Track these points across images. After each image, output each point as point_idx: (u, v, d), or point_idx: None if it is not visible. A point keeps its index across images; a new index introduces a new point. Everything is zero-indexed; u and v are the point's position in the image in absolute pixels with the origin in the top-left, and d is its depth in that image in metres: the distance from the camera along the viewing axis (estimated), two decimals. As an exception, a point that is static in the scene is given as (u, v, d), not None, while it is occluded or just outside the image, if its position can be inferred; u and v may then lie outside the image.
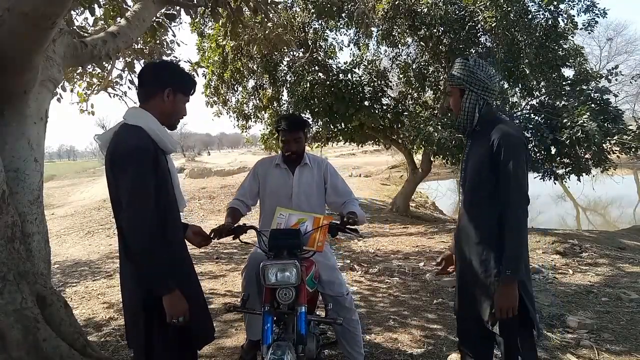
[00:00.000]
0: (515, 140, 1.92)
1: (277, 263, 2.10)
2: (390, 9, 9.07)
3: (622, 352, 3.14)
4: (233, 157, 54.88)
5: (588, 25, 9.04)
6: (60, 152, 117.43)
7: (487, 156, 1.93)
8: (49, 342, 2.31)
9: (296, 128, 2.69)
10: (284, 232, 2.30)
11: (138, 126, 1.76)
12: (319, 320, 2.45)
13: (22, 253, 2.46)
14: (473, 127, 2.07)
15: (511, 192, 1.88)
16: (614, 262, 6.02)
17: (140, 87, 1.91)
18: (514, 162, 1.87)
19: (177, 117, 1.92)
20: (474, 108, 2.03)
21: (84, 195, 19.55)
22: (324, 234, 2.36)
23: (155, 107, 1.84)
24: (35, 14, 2.09)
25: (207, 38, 10.85)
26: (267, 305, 2.13)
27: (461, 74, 2.02)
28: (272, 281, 2.09)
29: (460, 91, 2.05)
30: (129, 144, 1.70)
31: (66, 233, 9.97)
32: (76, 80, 6.40)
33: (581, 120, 7.87)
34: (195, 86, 1.97)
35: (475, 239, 2.03)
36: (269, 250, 2.23)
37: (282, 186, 2.73)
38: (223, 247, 7.16)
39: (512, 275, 1.86)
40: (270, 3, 5.42)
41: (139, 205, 1.67)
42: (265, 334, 2.06)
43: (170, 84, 1.85)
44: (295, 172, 2.74)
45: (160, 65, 1.98)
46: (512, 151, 1.89)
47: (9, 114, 2.63)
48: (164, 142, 1.82)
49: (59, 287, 5.03)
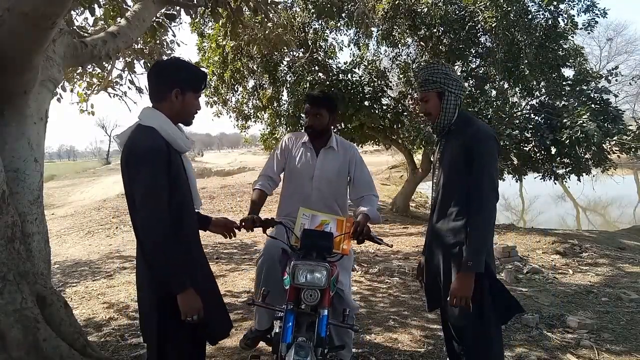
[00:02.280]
0: (488, 138, 2.04)
1: (308, 264, 2.07)
2: (390, 9, 9.07)
3: (622, 352, 3.14)
4: (233, 157, 54.88)
5: (588, 25, 9.04)
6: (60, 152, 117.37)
7: (463, 153, 2.04)
8: (49, 342, 2.31)
9: (318, 103, 2.65)
10: (317, 234, 2.27)
11: (151, 127, 1.79)
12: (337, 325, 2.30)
13: (22, 253, 2.46)
14: (450, 126, 2.17)
15: (483, 187, 1.97)
16: (614, 262, 6.02)
17: (150, 88, 1.91)
18: (487, 159, 1.99)
19: (190, 113, 1.92)
20: (455, 108, 2.15)
21: (84, 196, 19.55)
22: (349, 239, 2.36)
23: (166, 107, 1.85)
24: (35, 14, 2.09)
25: (207, 38, 10.84)
26: (291, 304, 2.10)
27: (438, 78, 2.13)
28: (301, 281, 2.06)
29: (438, 94, 2.14)
30: (142, 145, 1.74)
31: (66, 233, 9.97)
32: (76, 80, 6.40)
33: (581, 121, 7.88)
34: (205, 79, 1.95)
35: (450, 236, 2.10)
36: (299, 249, 2.20)
37: (305, 166, 2.68)
38: (223, 247, 7.17)
39: (472, 266, 1.94)
40: (270, 3, 5.42)
41: (152, 205, 1.70)
42: (286, 332, 2.03)
43: (177, 84, 1.85)
44: (320, 153, 2.69)
45: (166, 65, 1.97)
46: (485, 148, 2.00)
47: (9, 114, 2.63)
48: (177, 142, 1.84)
49: (59, 287, 5.03)
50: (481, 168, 1.98)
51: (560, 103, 9.39)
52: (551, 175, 9.64)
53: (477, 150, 2.00)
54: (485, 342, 2.08)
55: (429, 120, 2.27)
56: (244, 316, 3.96)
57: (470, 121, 2.13)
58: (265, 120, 12.18)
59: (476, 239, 1.97)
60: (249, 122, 12.35)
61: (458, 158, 2.07)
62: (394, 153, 22.89)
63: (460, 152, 2.06)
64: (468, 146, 2.02)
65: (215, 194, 14.90)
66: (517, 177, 10.06)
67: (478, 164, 1.99)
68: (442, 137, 2.25)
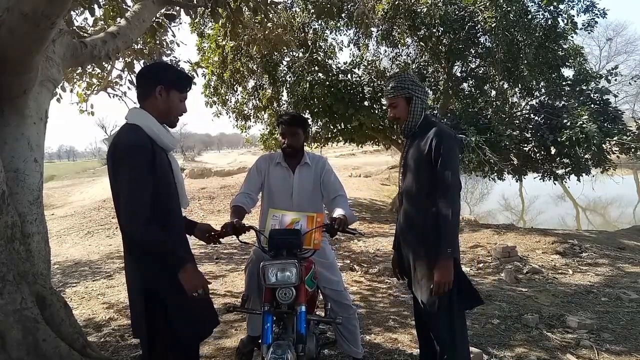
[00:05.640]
0: (449, 136, 2.24)
1: (276, 263, 2.11)
2: (390, 9, 9.07)
3: (622, 352, 3.14)
4: (233, 157, 54.88)
5: (588, 25, 9.05)
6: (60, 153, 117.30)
7: (427, 152, 2.23)
8: (49, 342, 2.30)
9: (294, 123, 2.75)
10: (283, 232, 2.30)
11: (136, 125, 1.83)
12: (318, 319, 2.45)
13: (22, 253, 2.46)
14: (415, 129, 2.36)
15: (447, 180, 2.15)
16: (614, 262, 6.02)
17: (137, 89, 1.97)
18: (449, 154, 2.18)
19: (174, 114, 1.96)
20: (421, 111, 2.35)
21: (83, 196, 19.54)
22: (319, 232, 2.37)
23: (151, 106, 1.89)
24: (35, 14, 2.09)
25: (207, 38, 10.83)
26: (267, 305, 2.14)
27: (406, 85, 2.34)
28: (272, 281, 2.10)
29: (406, 99, 2.34)
30: (125, 142, 1.78)
31: (66, 233, 9.97)
32: (76, 80, 6.40)
33: (581, 121, 7.88)
34: (190, 82, 2.00)
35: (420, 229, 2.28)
36: (268, 250, 2.23)
37: (282, 185, 2.76)
38: (223, 248, 7.16)
39: (451, 252, 2.13)
40: (270, 3, 5.41)
41: (137, 196, 1.73)
42: (265, 333, 2.06)
43: (161, 81, 1.89)
44: (296, 171, 2.77)
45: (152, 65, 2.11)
46: (446, 146, 2.19)
47: (9, 114, 2.63)
48: (162, 139, 1.87)
49: (58, 288, 5.03)
50: (444, 163, 2.17)
51: (560, 103, 9.39)
52: (551, 175, 9.65)
53: (439, 147, 2.19)
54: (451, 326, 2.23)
55: (398, 124, 2.45)
56: (243, 317, 3.95)
57: (433, 124, 2.33)
58: (265, 121, 12.18)
59: (448, 227, 2.14)
60: (249, 122, 12.35)
61: (421, 161, 2.26)
62: (394, 153, 22.87)
63: (423, 154, 2.25)
64: (431, 144, 2.22)
65: (215, 194, 14.90)
66: (517, 177, 10.06)
67: (441, 159, 2.18)
68: (408, 139, 2.44)
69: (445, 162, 2.17)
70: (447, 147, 2.19)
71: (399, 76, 2.40)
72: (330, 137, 12.21)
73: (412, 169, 2.34)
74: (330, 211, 2.63)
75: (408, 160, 2.37)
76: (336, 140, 12.72)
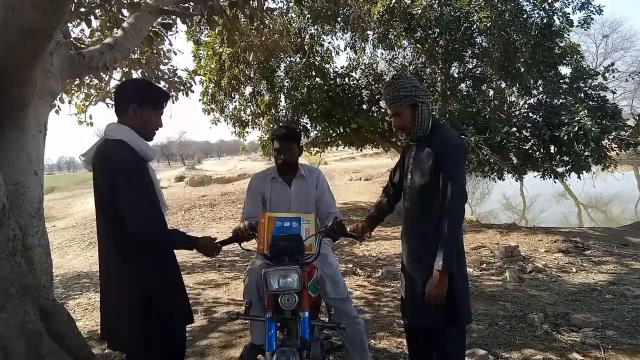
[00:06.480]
0: (457, 144, 2.18)
1: (278, 269, 2.10)
2: (386, 12, 9.09)
3: (627, 349, 3.12)
4: (233, 164, 54.88)
5: (584, 22, 9.07)
6: (60, 164, 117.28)
7: (434, 159, 2.16)
8: (53, 355, 2.29)
9: (290, 139, 2.75)
10: (285, 238, 2.29)
11: (121, 139, 1.91)
12: (322, 325, 2.43)
13: (24, 266, 2.45)
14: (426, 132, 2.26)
15: (452, 191, 2.08)
16: (618, 259, 6.00)
17: (114, 104, 2.05)
18: (456, 163, 2.13)
19: (150, 129, 2.05)
20: (429, 116, 2.23)
21: (84, 207, 19.51)
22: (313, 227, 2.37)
23: (127, 122, 1.98)
24: (32, 28, 2.09)
25: (204, 45, 10.86)
26: (270, 312, 2.12)
27: (408, 92, 2.19)
28: (274, 287, 2.09)
29: (411, 107, 2.21)
30: (120, 156, 1.87)
31: (68, 245, 9.96)
32: (74, 91, 6.41)
33: (579, 118, 7.88)
34: (165, 99, 2.09)
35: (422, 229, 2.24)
36: (270, 256, 2.23)
37: (281, 199, 2.77)
38: (225, 255, 7.15)
39: (445, 265, 2.05)
40: (266, 10, 5.44)
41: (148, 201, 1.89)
42: (269, 340, 2.05)
43: (134, 101, 1.96)
44: (292, 184, 2.79)
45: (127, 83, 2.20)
46: (454, 154, 2.13)
47: (8, 127, 2.63)
48: (145, 151, 1.97)
49: (61, 300, 5.01)
50: (449, 173, 2.11)
51: (557, 101, 9.40)
52: (551, 173, 9.63)
53: (445, 157, 2.12)
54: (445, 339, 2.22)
55: (404, 133, 2.36)
56: (246, 326, 3.93)
57: (440, 129, 2.25)
58: (263, 127, 12.18)
59: (447, 239, 2.07)
60: (247, 128, 12.36)
61: (429, 168, 2.18)
62: (394, 155, 22.83)
63: (431, 161, 2.17)
64: (437, 152, 2.15)
65: (216, 201, 14.88)
66: (517, 176, 10.06)
67: (447, 169, 2.12)
68: (414, 144, 2.34)
69: (451, 171, 2.12)
70: (454, 156, 2.14)
71: (398, 82, 2.23)
72: (330, 141, 12.22)
73: (419, 177, 2.26)
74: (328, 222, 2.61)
75: (414, 167, 2.29)
76: (335, 144, 12.72)
